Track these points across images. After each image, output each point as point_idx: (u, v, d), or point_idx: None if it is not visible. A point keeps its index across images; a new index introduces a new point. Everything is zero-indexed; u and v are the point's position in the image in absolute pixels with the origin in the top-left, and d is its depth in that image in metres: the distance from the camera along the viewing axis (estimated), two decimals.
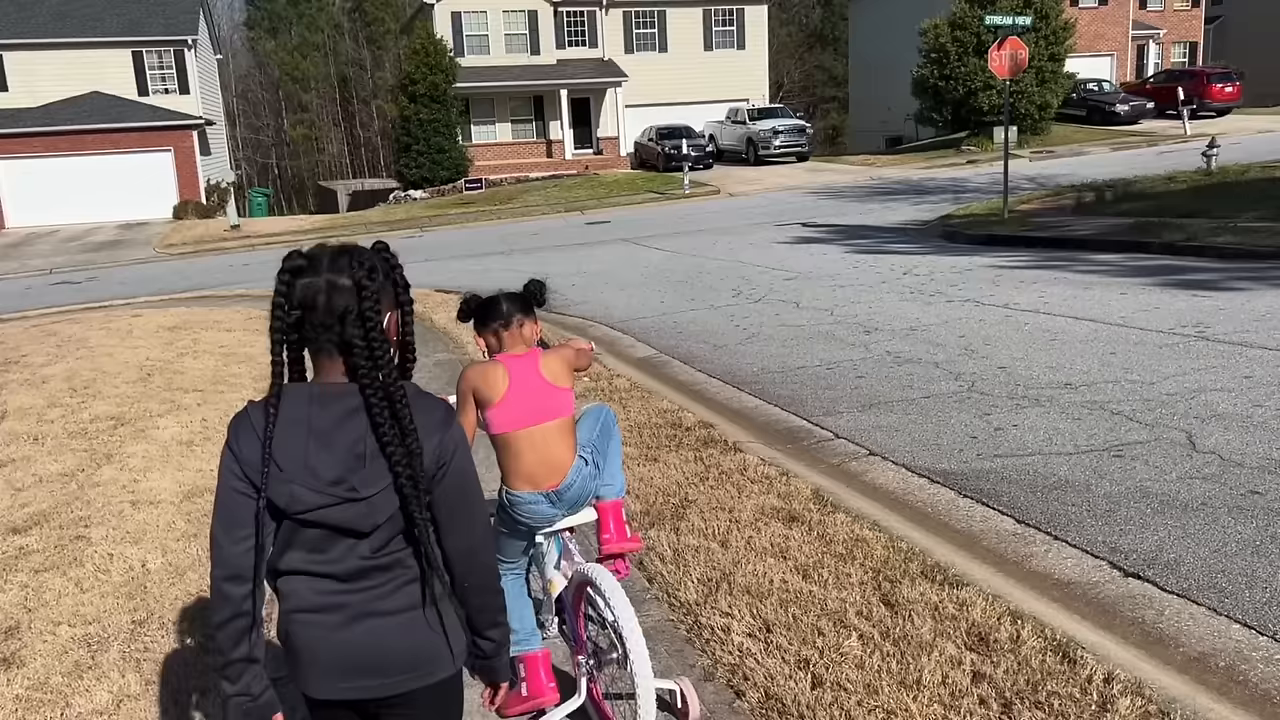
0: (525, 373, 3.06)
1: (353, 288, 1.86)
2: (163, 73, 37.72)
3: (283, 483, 1.85)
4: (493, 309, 3.15)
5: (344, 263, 1.89)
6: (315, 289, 1.86)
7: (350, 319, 1.86)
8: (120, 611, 4.07)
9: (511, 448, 3.04)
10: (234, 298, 16.84)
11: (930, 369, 7.57)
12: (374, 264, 1.92)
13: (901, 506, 4.84)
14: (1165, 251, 12.58)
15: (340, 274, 1.87)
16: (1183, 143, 30.44)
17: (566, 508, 3.11)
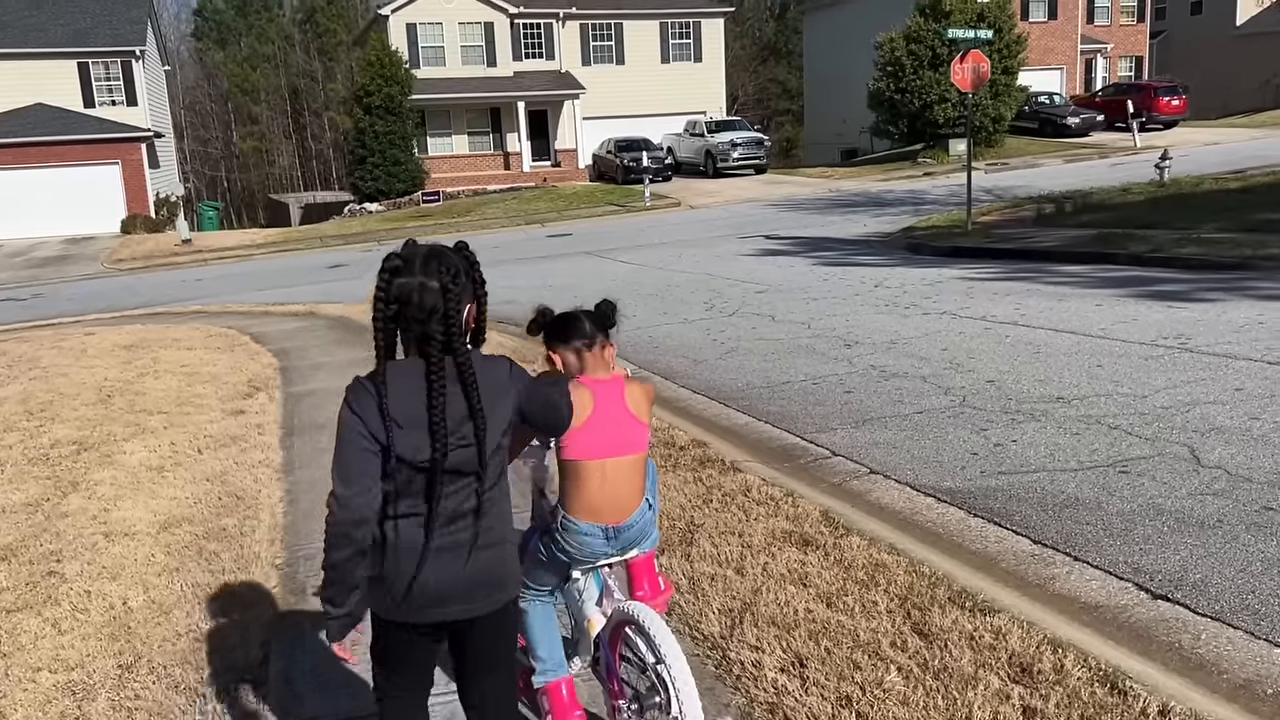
0: (610, 400, 2.89)
1: (439, 289, 2.25)
2: (109, 84, 36.94)
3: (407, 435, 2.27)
4: (575, 326, 2.97)
5: (434, 267, 2.28)
6: (409, 288, 2.25)
7: (436, 316, 2.25)
8: (104, 655, 3.82)
9: (581, 476, 2.87)
10: (190, 314, 16.42)
11: (918, 383, 7.50)
12: (459, 268, 2.31)
13: (912, 527, 4.73)
14: (1132, 263, 12.69)
15: (430, 277, 2.27)
16: (1133, 155, 30.97)
17: (619, 548, 2.93)
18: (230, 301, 17.80)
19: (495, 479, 2.39)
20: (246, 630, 3.94)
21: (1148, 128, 35.05)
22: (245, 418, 7.98)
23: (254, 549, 4.81)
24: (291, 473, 6.32)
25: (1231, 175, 21.56)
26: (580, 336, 2.95)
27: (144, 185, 35.85)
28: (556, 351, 2.98)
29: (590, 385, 2.88)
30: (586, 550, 2.90)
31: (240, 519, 5.30)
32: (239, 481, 6.04)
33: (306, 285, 19.19)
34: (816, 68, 48.99)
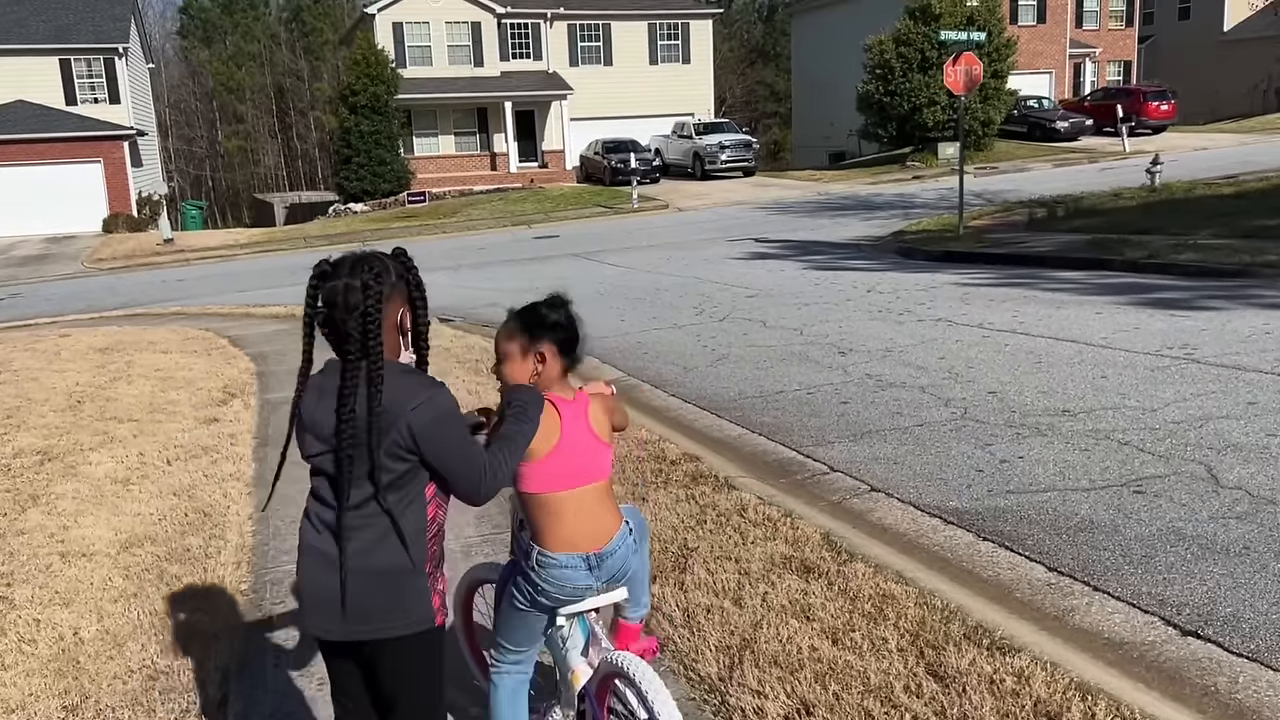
0: (577, 423, 2.60)
1: (360, 287, 2.24)
2: (92, 81, 36.46)
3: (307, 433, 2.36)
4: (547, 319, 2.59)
5: (360, 268, 2.27)
6: (335, 290, 2.26)
7: (355, 315, 2.23)
8: (48, 694, 3.51)
9: (551, 509, 2.58)
10: (169, 315, 16.06)
11: (916, 394, 7.25)
12: (385, 268, 2.31)
13: (918, 551, 4.47)
14: (1128, 269, 12.49)
15: (355, 277, 2.26)
16: (1122, 159, 30.89)
17: (604, 579, 2.63)
18: (211, 303, 17.44)
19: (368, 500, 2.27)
20: (205, 667, 3.65)
21: (1137, 132, 35.01)
22: (218, 426, 7.67)
23: (218, 572, 4.51)
24: (264, 487, 6.01)
25: (1223, 180, 21.42)
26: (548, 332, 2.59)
27: (126, 184, 35.37)
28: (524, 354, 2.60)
29: (559, 406, 2.59)
30: (568, 586, 2.59)
31: (206, 538, 5.00)
32: (207, 496, 5.74)
33: (289, 286, 18.82)
34: (805, 70, 48.82)
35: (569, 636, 2.71)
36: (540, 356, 2.58)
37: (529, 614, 2.67)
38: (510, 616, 2.71)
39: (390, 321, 2.31)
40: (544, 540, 2.60)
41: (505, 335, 2.62)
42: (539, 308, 2.61)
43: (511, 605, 2.69)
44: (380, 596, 2.28)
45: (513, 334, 2.61)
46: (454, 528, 5.05)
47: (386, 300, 2.27)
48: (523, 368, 2.59)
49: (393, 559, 2.29)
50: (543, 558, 2.59)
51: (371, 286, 2.23)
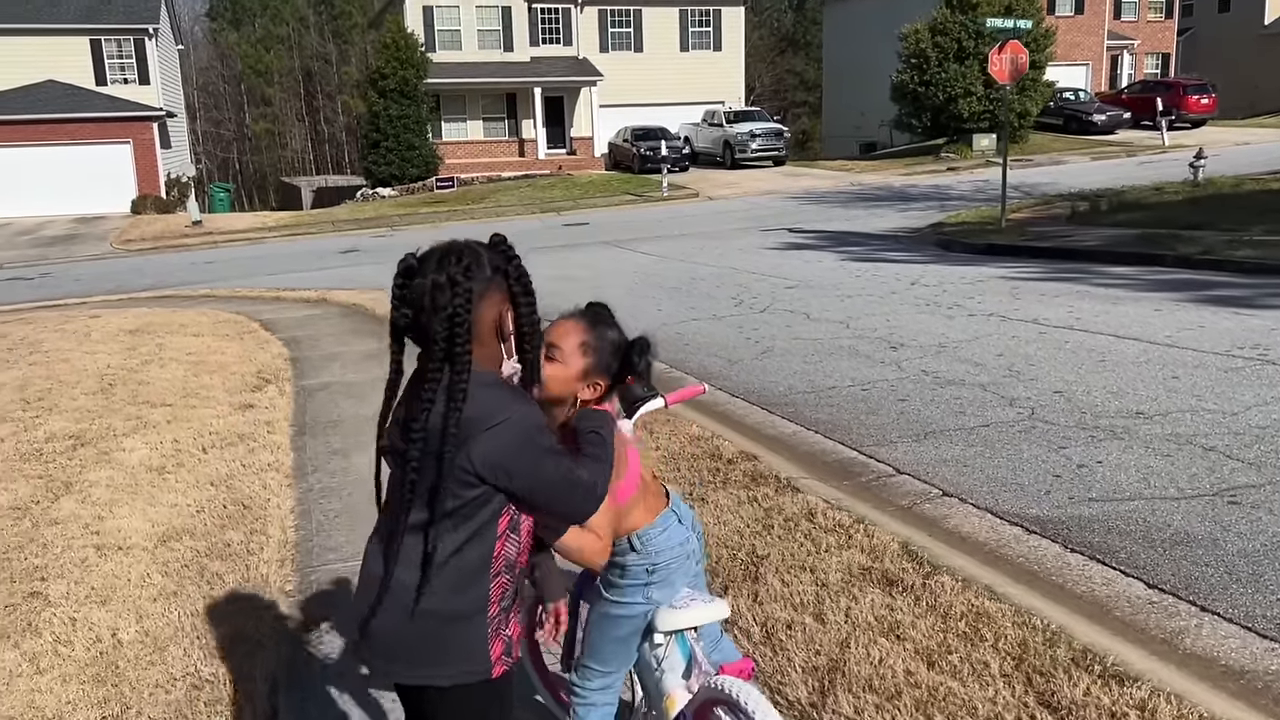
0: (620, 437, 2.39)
1: (447, 284, 1.94)
2: (122, 62, 36.42)
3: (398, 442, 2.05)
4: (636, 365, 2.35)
5: (449, 261, 1.97)
6: (421, 290, 1.96)
7: (441, 315, 1.93)
8: (87, 704, 3.30)
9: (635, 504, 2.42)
10: (199, 298, 15.92)
11: (978, 392, 6.95)
12: (477, 261, 1.98)
13: (1003, 563, 4.19)
14: (1181, 265, 12.11)
15: (441, 273, 1.95)
16: (1161, 153, 30.30)
17: (690, 525, 2.50)
18: (240, 286, 17.29)
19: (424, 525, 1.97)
20: (252, 676, 3.42)
21: (1175, 126, 34.34)
22: (254, 413, 7.47)
23: (262, 571, 4.29)
24: (303, 478, 5.81)
25: (1269, 175, 20.90)
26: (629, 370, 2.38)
27: (155, 165, 35.34)
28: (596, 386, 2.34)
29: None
30: (674, 546, 2.43)
31: (247, 533, 4.78)
32: (246, 487, 5.53)
33: (318, 270, 18.68)
34: (836, 59, 48.26)
35: (666, 656, 2.45)
36: (598, 388, 2.34)
37: (632, 622, 2.44)
38: (607, 629, 2.46)
39: (488, 325, 1.99)
40: (638, 524, 2.42)
41: (576, 344, 2.31)
42: (633, 348, 2.34)
43: (610, 615, 2.46)
44: (419, 639, 1.99)
45: (586, 349, 2.31)
46: None
47: (480, 299, 1.95)
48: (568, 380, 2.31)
49: (440, 601, 1.98)
50: (643, 536, 2.42)
51: (460, 283, 1.92)
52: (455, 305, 1.91)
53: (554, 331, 2.32)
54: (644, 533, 2.41)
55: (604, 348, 2.31)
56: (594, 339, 2.31)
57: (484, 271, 1.97)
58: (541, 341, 2.11)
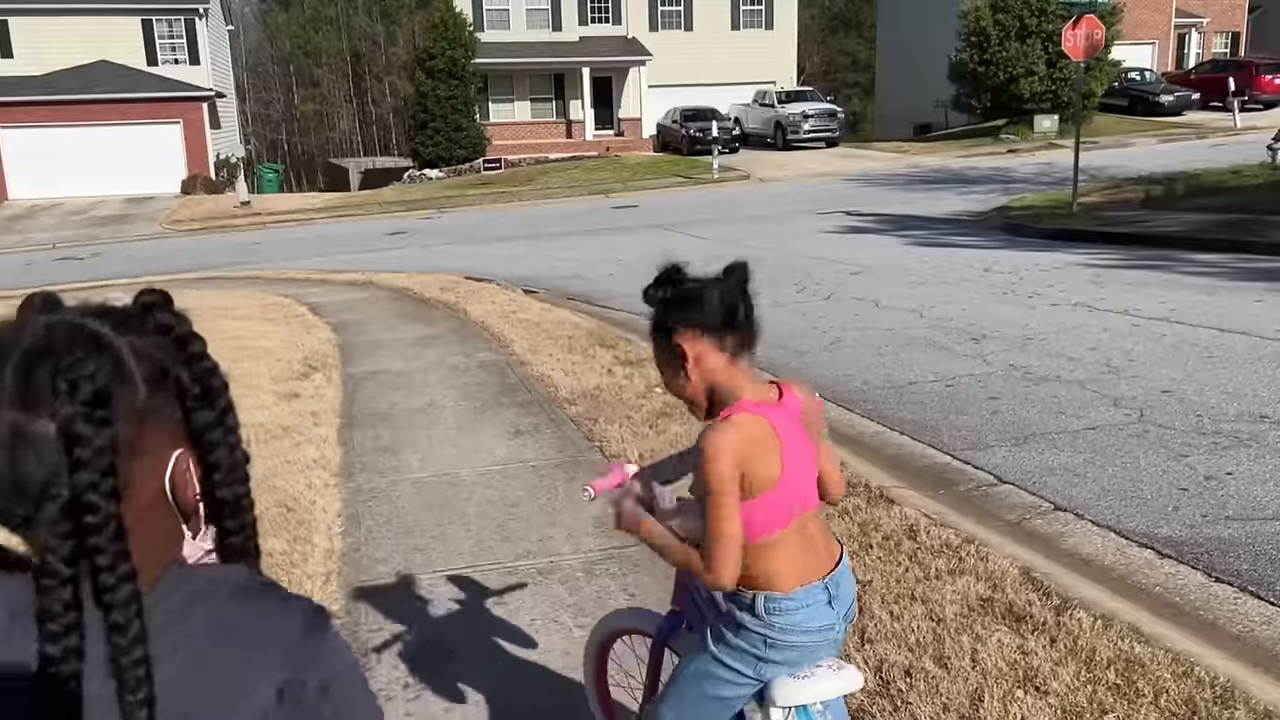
0: (794, 434, 1.89)
1: (56, 437, 0.87)
2: (172, 42, 36.45)
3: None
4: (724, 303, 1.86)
5: (43, 380, 0.88)
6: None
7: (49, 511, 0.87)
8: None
9: (778, 549, 1.90)
10: (244, 280, 15.70)
11: (1076, 390, 6.40)
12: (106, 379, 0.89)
13: (1138, 594, 3.68)
14: (1273, 253, 11.38)
15: (35, 408, 0.88)
16: (1234, 135, 29.13)
17: (843, 613, 1.99)
18: (287, 267, 17.07)
19: None
20: None
21: (1248, 108, 33.02)
22: (299, 403, 7.11)
23: (305, 586, 3.89)
24: (351, 478, 5.41)
25: None
26: (733, 325, 1.87)
27: (204, 146, 35.37)
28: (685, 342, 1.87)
29: (769, 416, 1.86)
30: (812, 629, 1.93)
31: (290, 540, 4.39)
32: (290, 487, 5.15)
33: (366, 253, 18.41)
34: (890, 39, 47.16)
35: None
36: (679, 351, 1.87)
37: (732, 693, 1.99)
38: (700, 688, 2.02)
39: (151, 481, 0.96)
40: (772, 582, 1.91)
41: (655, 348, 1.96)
42: (645, 291, 1.93)
43: (708, 674, 1.99)
44: None
45: (649, 335, 1.96)
46: (571, 537, 4.39)
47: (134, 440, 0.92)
48: (673, 376, 1.93)
49: None
50: (773, 603, 1.91)
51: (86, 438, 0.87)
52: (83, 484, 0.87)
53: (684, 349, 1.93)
54: (774, 600, 1.91)
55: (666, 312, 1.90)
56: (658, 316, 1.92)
57: (132, 395, 0.92)
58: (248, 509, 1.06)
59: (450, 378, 7.79)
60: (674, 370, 1.91)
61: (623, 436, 5.77)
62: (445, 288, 12.49)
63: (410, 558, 4.25)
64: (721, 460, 1.79)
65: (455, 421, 6.50)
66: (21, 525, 0.91)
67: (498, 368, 8.04)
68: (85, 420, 0.87)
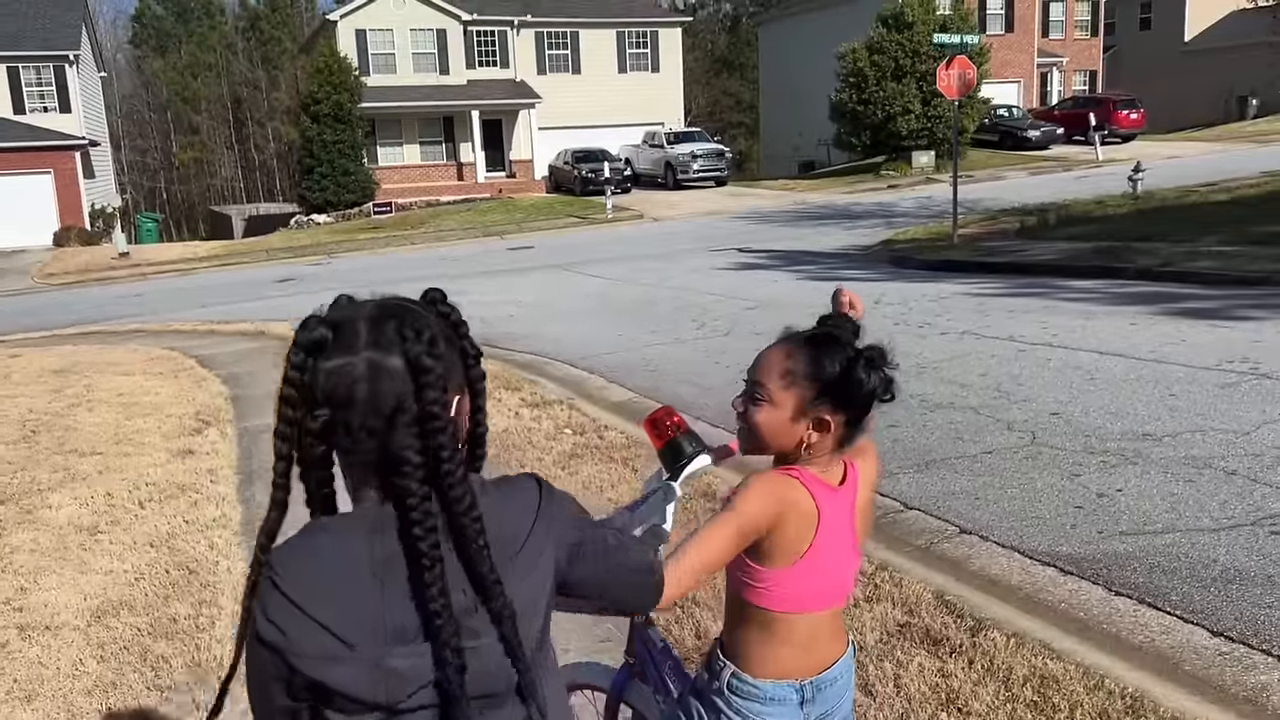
0: (838, 521, 1.82)
1: (405, 369, 1.26)
2: (41, 90, 35.15)
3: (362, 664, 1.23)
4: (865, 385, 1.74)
5: (391, 332, 1.28)
6: (350, 375, 1.26)
7: (403, 421, 1.25)
8: None
9: (779, 630, 1.83)
10: (128, 333, 15.12)
11: (971, 416, 6.63)
12: (434, 332, 1.30)
13: (1046, 610, 3.82)
14: (1142, 277, 12.02)
15: (388, 351, 1.27)
16: (1096, 168, 30.73)
17: (817, 715, 1.89)
18: (172, 319, 16.50)
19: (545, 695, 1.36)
20: None
21: (1107, 141, 34.92)
22: (194, 460, 6.86)
23: (214, 651, 3.75)
24: (254, 535, 5.24)
25: (1205, 187, 21.22)
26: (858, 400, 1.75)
27: (78, 196, 34.09)
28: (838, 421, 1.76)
29: (816, 493, 1.79)
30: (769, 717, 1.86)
31: (195, 604, 4.23)
32: (191, 548, 4.96)
33: (254, 301, 17.94)
34: (772, 80, 48.49)
35: None
36: (823, 425, 1.77)
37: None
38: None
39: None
40: (750, 663, 1.86)
41: (780, 374, 1.77)
42: (856, 364, 1.74)
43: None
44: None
45: (792, 378, 1.77)
46: None
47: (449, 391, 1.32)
48: (785, 426, 1.78)
49: None
50: (741, 684, 1.85)
51: (429, 367, 1.27)
52: (429, 400, 1.25)
53: (757, 367, 1.83)
54: (741, 681, 1.85)
55: (822, 371, 1.74)
56: (802, 362, 1.76)
57: (442, 344, 1.31)
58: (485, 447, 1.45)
59: None
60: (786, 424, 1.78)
61: None
62: None
63: None
64: (764, 502, 1.75)
65: None
66: (368, 436, 1.27)
67: None
68: (428, 356, 1.27)
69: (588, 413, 7.60)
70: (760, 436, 1.82)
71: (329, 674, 1.24)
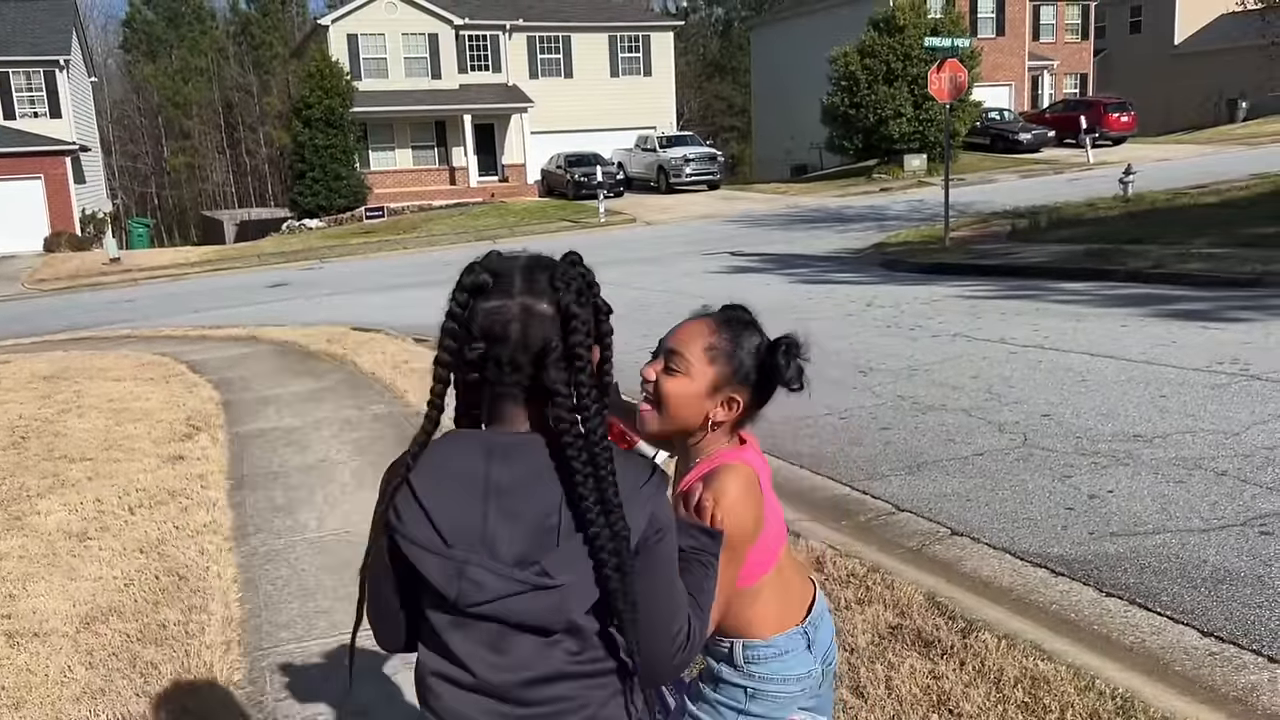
0: (767, 481, 1.89)
1: (556, 316, 1.46)
2: (31, 95, 35.07)
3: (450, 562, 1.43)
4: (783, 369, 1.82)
5: (544, 282, 1.47)
6: (506, 316, 1.45)
7: (553, 358, 1.46)
8: None
9: (767, 591, 1.86)
10: (119, 339, 15.08)
11: (962, 418, 6.63)
12: (582, 284, 1.50)
13: (1037, 612, 3.82)
14: (1133, 279, 12.05)
15: (539, 297, 1.47)
16: (1088, 170, 30.82)
17: (821, 656, 1.93)
18: (163, 324, 16.45)
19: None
20: None
21: (1098, 144, 35.04)
22: (185, 465, 6.83)
23: (204, 657, 3.73)
24: (245, 540, 5.23)
25: (1195, 189, 21.30)
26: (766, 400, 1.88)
27: (69, 201, 33.99)
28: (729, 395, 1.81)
29: (753, 462, 1.84)
30: (792, 679, 1.87)
31: (184, 610, 4.21)
32: (181, 554, 4.94)
33: (246, 306, 17.90)
34: (764, 84, 48.55)
35: None
36: (732, 404, 1.82)
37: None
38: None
39: None
40: (753, 629, 1.87)
41: (703, 349, 1.81)
42: (777, 351, 1.83)
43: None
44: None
45: (715, 354, 1.82)
46: None
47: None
48: (697, 400, 1.81)
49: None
50: (751, 651, 1.86)
51: (576, 314, 1.45)
52: (574, 342, 1.44)
53: (675, 337, 1.86)
54: (753, 648, 1.87)
55: (741, 351, 1.82)
56: (726, 340, 1.83)
57: (588, 299, 1.50)
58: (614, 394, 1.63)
59: (344, 432, 7.61)
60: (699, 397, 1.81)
61: None
62: (333, 339, 12.23)
63: (313, 621, 4.12)
64: (744, 514, 1.75)
65: (352, 477, 6.35)
66: (515, 370, 1.46)
67: (393, 419, 7.90)
68: (576, 304, 1.46)
69: None
70: (669, 406, 1.82)
71: (423, 562, 1.44)
